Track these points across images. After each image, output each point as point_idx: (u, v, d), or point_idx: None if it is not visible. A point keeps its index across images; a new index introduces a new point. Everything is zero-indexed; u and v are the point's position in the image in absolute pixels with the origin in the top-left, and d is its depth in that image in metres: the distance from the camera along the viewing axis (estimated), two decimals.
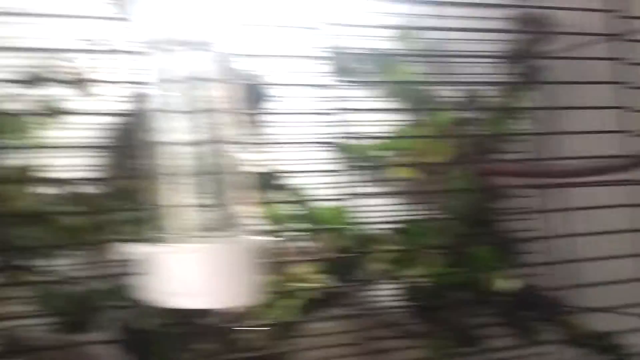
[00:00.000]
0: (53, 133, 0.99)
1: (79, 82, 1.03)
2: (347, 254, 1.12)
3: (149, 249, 0.69)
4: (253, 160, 1.04)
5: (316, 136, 1.20)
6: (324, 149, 1.22)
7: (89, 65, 1.05)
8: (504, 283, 1.20)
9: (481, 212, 1.23)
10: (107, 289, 0.92)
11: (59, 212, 0.93)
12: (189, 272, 0.66)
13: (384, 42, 1.25)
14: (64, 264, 0.97)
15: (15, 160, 0.94)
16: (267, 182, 1.10)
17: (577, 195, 1.32)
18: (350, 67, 1.23)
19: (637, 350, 1.19)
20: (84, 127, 1.04)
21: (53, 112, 0.97)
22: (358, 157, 1.21)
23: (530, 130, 1.35)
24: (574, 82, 1.25)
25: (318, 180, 1.18)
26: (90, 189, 1.05)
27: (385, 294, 1.24)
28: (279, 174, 1.11)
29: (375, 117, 1.23)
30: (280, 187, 1.11)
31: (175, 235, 0.69)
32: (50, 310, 0.93)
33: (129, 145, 0.95)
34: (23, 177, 0.93)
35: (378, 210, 1.23)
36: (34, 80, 0.98)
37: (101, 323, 0.92)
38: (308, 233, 1.12)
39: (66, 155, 0.96)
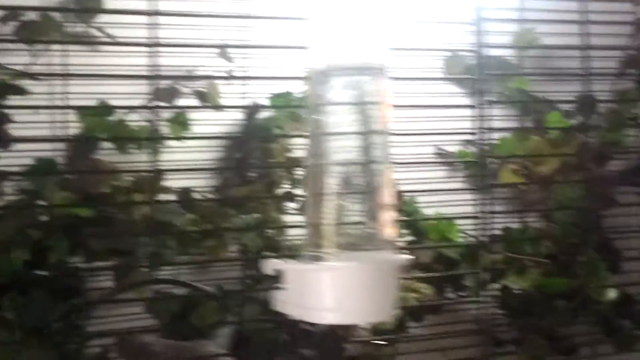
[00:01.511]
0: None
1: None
2: (454, 264, 1.13)
3: (296, 265, 0.71)
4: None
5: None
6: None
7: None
8: (612, 293, 1.19)
9: (591, 221, 1.21)
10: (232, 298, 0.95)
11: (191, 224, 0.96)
12: (333, 288, 0.67)
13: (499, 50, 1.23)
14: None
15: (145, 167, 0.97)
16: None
17: None
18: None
19: None
20: None
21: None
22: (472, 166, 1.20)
23: None
24: None
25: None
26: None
27: (487, 301, 1.25)
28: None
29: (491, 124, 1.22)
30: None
31: (321, 252, 0.71)
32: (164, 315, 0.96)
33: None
34: (155, 185, 0.96)
35: (484, 217, 1.23)
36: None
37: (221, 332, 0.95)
38: (417, 244, 1.13)
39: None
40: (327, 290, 0.67)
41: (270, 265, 0.73)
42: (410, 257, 0.74)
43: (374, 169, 0.72)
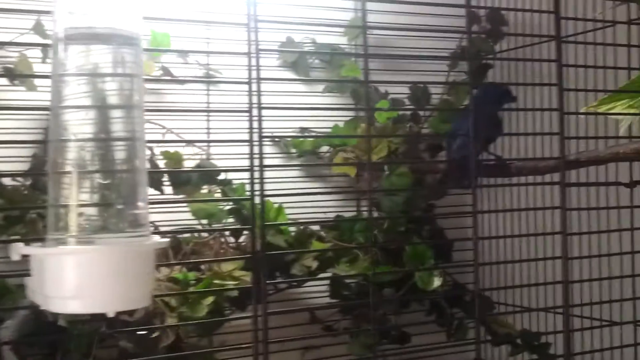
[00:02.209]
0: None
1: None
2: (279, 250, 1.11)
3: (41, 249, 0.65)
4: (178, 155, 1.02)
5: (254, 131, 1.18)
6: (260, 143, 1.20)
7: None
8: (438, 281, 1.19)
9: (417, 210, 1.22)
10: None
11: None
12: (78, 274, 0.62)
13: (330, 36, 1.23)
14: None
15: None
16: (201, 176, 1.07)
17: (513, 197, 1.33)
18: (296, 61, 1.21)
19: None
20: None
21: None
22: (296, 153, 1.19)
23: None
24: (513, 84, 1.25)
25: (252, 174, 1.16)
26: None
27: (316, 290, 1.24)
28: (214, 169, 1.09)
29: (316, 113, 1.22)
30: (214, 182, 1.09)
31: (68, 235, 0.64)
32: None
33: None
34: None
35: (313, 206, 1.22)
36: None
37: None
38: (238, 229, 1.11)
39: None
40: (67, 276, 0.61)
41: (16, 250, 0.65)
42: (165, 240, 0.68)
43: (126, 145, 0.65)
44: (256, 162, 0.59)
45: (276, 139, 1.25)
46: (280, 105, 0.81)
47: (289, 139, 1.25)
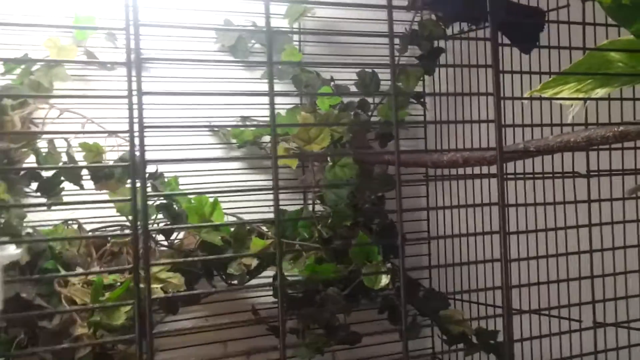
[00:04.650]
0: None
1: None
2: (215, 249, 1.04)
3: None
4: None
5: (192, 119, 1.11)
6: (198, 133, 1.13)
7: None
8: (385, 280, 1.12)
9: (363, 204, 1.15)
10: None
11: None
12: None
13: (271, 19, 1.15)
14: None
15: None
16: (129, 170, 0.99)
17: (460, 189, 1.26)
18: (235, 45, 1.13)
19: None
20: None
21: None
22: (237, 143, 1.12)
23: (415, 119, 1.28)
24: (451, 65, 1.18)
25: (188, 167, 1.09)
26: None
27: (257, 290, 1.17)
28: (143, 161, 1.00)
29: (256, 100, 1.14)
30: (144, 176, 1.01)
31: None
32: None
33: None
34: None
35: (252, 201, 1.15)
36: None
37: None
38: (171, 227, 1.03)
39: None
40: None
41: None
42: (17, 253, 0.61)
43: None
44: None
45: (215, 129, 1.18)
46: (165, 92, 0.72)
47: (228, 128, 1.17)
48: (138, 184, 0.51)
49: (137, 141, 0.50)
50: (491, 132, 1.17)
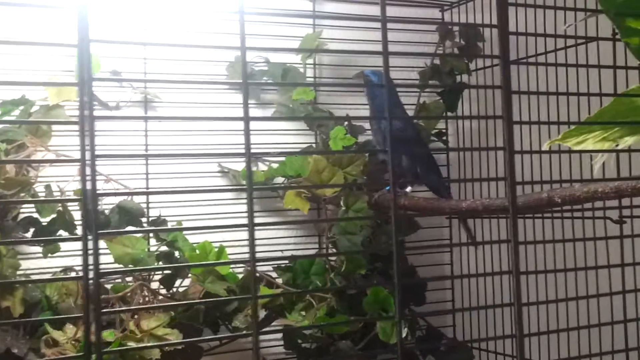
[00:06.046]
0: None
1: None
2: (219, 298, 0.97)
3: None
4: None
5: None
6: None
7: None
8: (403, 332, 1.05)
9: (378, 248, 1.08)
10: None
11: None
12: None
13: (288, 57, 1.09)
14: None
15: None
16: (122, 217, 0.95)
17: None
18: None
19: None
20: None
21: None
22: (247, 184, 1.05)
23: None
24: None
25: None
26: None
27: (267, 340, 1.10)
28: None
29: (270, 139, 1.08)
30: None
31: None
32: None
33: None
34: None
35: (262, 244, 1.09)
36: None
37: None
38: (171, 275, 0.97)
39: None
40: None
41: None
42: None
43: None
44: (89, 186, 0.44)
45: (225, 170, 1.12)
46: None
47: (239, 171, 1.11)
48: None
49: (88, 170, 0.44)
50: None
